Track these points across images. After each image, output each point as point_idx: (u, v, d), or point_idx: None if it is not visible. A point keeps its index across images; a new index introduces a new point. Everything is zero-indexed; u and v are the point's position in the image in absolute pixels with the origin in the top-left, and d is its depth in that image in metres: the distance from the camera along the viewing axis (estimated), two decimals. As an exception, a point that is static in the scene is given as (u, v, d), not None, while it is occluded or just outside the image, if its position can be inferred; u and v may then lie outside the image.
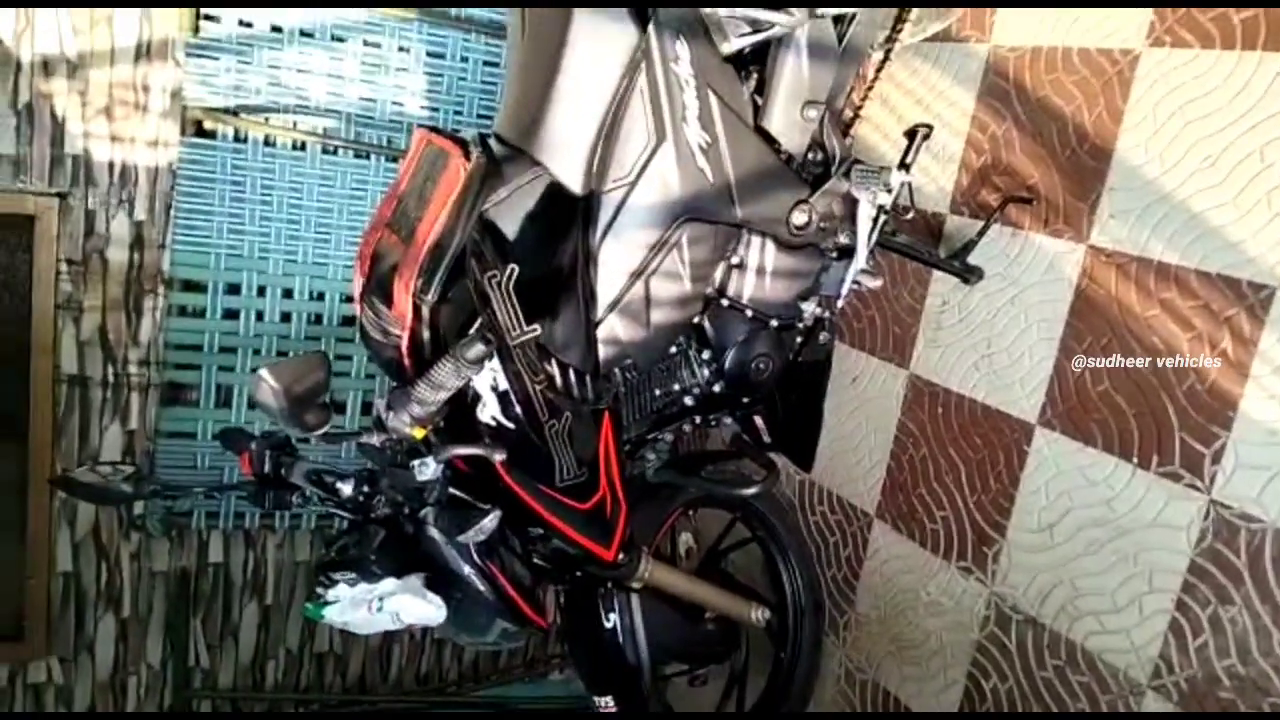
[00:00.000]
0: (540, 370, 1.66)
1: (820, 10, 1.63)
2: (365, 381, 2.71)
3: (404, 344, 1.62)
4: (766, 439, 2.04)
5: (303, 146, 2.47)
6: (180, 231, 2.43)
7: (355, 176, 2.53)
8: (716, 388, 1.93)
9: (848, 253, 1.92)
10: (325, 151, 2.49)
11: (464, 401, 1.64)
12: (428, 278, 1.57)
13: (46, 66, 2.24)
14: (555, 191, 1.67)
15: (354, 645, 2.99)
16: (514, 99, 1.73)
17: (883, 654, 2.32)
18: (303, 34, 2.40)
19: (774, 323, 1.92)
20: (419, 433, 1.57)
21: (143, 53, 2.32)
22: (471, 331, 1.60)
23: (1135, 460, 1.79)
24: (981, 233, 2.01)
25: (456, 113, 2.57)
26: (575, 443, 1.70)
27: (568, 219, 1.68)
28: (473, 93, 2.57)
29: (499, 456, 1.57)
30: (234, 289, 2.53)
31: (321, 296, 2.60)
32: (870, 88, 1.93)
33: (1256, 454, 1.61)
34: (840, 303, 1.97)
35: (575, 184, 1.66)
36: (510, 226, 1.65)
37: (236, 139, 2.44)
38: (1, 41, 2.18)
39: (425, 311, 1.60)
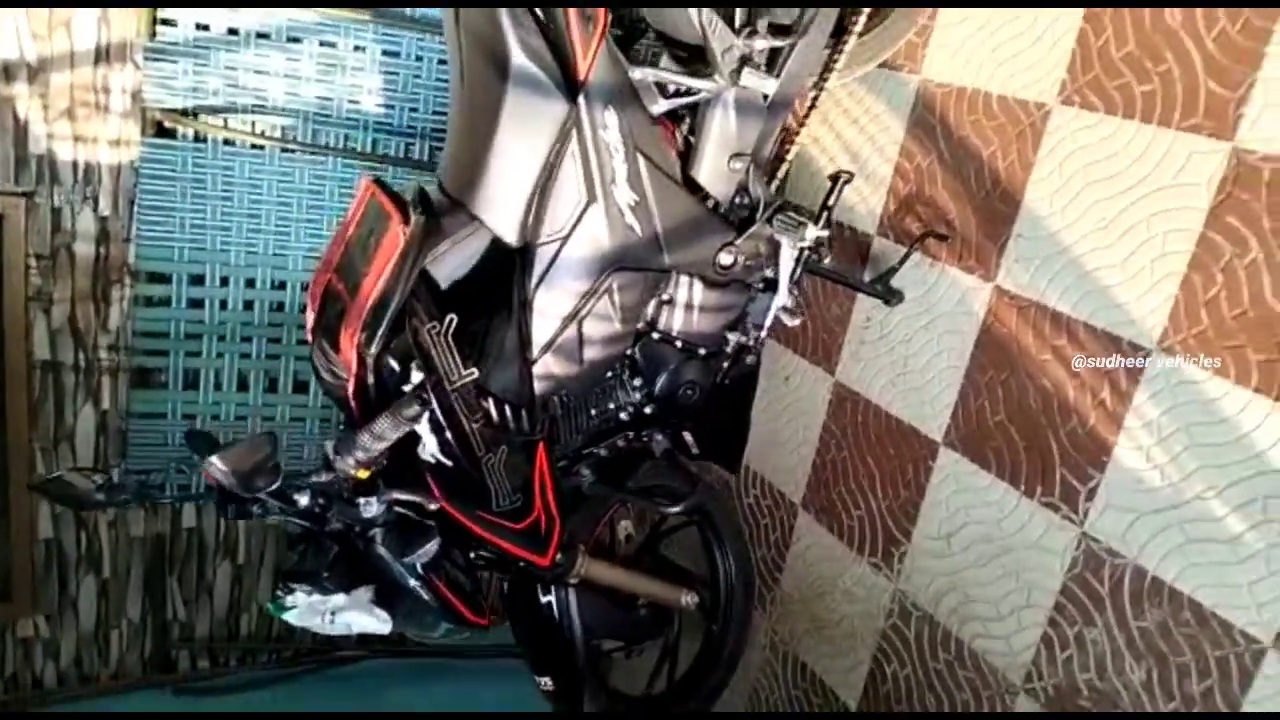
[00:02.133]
0: (477, 408, 1.81)
1: (742, 79, 1.72)
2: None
3: (350, 388, 1.76)
4: (695, 451, 2.21)
5: (262, 146, 2.54)
6: (144, 227, 2.53)
7: (313, 173, 2.60)
8: (648, 409, 2.09)
9: (773, 285, 2.05)
10: (284, 150, 2.56)
11: (407, 439, 1.79)
12: (370, 332, 1.70)
13: (7, 71, 2.29)
14: (492, 243, 1.79)
15: (323, 599, 3.19)
16: (454, 153, 1.83)
17: (803, 630, 2.55)
18: (259, 36, 2.44)
19: (701, 351, 2.06)
20: (363, 474, 1.73)
21: (102, 56, 2.37)
22: (408, 389, 1.74)
23: (1022, 488, 1.97)
24: (901, 262, 2.14)
25: (412, 109, 2.64)
26: (510, 473, 1.86)
27: (504, 269, 1.80)
28: (428, 90, 2.63)
29: (434, 506, 1.74)
30: (198, 279, 2.63)
31: (283, 285, 2.71)
32: (795, 135, 2.03)
33: (1124, 497, 1.79)
34: (763, 333, 2.11)
35: (511, 237, 1.78)
36: (449, 276, 1.78)
37: (196, 138, 2.51)
38: (-40, 51, 2.23)
39: (369, 361, 1.73)
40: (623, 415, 2.12)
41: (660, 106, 1.79)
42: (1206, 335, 1.67)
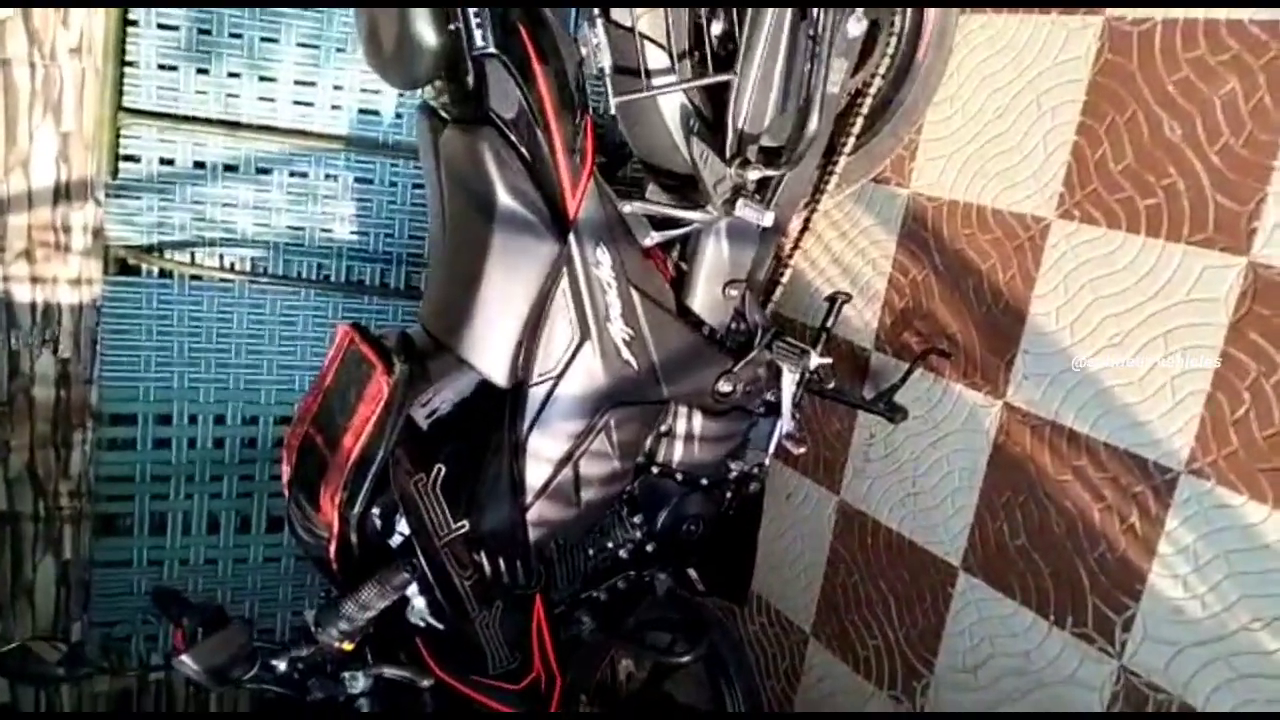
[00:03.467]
0: (469, 563, 1.68)
1: (736, 210, 1.65)
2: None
3: (332, 550, 1.63)
4: (700, 588, 2.09)
5: (231, 280, 2.44)
6: (107, 368, 2.40)
7: (285, 304, 2.50)
8: (649, 547, 1.97)
9: (774, 409, 1.96)
10: (253, 283, 2.47)
11: (395, 602, 1.66)
12: (353, 491, 1.59)
13: (-40, 215, 2.19)
14: (481, 387, 1.69)
15: None
16: (437, 295, 1.74)
17: (820, 768, 2.39)
18: (227, 168, 2.37)
19: (704, 482, 1.96)
20: (348, 646, 1.59)
21: (61, 194, 2.28)
22: (394, 541, 1.62)
23: (1051, 618, 1.86)
24: (903, 380, 2.05)
25: (387, 235, 2.56)
26: (506, 631, 1.73)
27: (494, 413, 1.69)
28: (403, 215, 2.55)
29: (426, 683, 1.60)
30: (164, 419, 2.50)
31: (255, 420, 2.58)
32: (790, 257, 1.96)
33: (1163, 629, 1.69)
34: (767, 459, 2.01)
35: (501, 379, 1.68)
36: (435, 425, 1.67)
37: (162, 274, 2.40)
38: (-89, 196, 2.13)
39: (353, 521, 1.61)
40: (622, 554, 2.00)
41: (652, 239, 1.72)
42: (1238, 457, 1.59)
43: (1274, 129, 1.55)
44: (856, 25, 1.69)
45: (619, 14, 1.58)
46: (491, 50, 1.49)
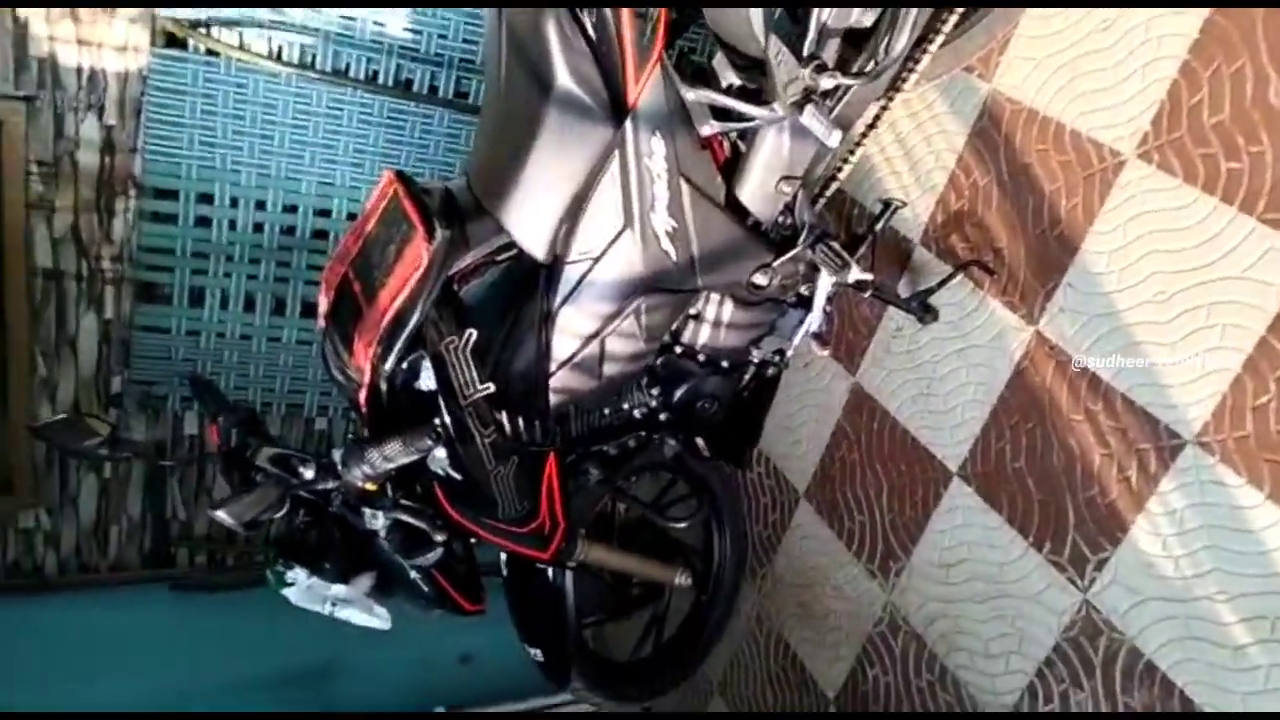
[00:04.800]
0: (490, 420, 1.76)
1: (803, 118, 1.58)
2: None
3: (363, 396, 1.70)
4: (706, 454, 2.17)
5: (278, 58, 2.37)
6: (151, 141, 2.39)
7: (331, 98, 2.45)
8: (662, 416, 2.03)
9: (805, 303, 1.96)
10: (300, 75, 2.40)
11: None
12: (386, 347, 1.63)
13: (5, -33, 2.11)
14: (518, 256, 1.69)
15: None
16: (485, 156, 1.70)
17: (789, 612, 2.59)
18: (281, -52, 2.24)
19: (724, 364, 2.00)
20: (370, 487, 1.69)
21: (109, -47, 2.18)
22: (422, 385, 1.69)
23: (1031, 540, 1.96)
24: (941, 284, 2.03)
25: (441, 36, 2.45)
26: (519, 483, 1.83)
27: (529, 283, 1.71)
28: (459, 18, 2.44)
29: (440, 537, 1.71)
30: (206, 198, 2.51)
31: (295, 209, 2.60)
32: (851, 156, 1.89)
33: (1133, 576, 1.78)
34: (790, 351, 2.04)
35: (539, 252, 1.68)
36: (472, 291, 1.69)
37: (209, 53, 2.34)
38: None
39: (384, 373, 1.67)
40: (636, 414, 2.07)
41: (711, 128, 1.65)
42: (1248, 443, 1.61)
43: (1386, 120, 1.45)
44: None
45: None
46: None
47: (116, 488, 2.92)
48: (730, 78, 1.72)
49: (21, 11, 2.17)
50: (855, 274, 1.78)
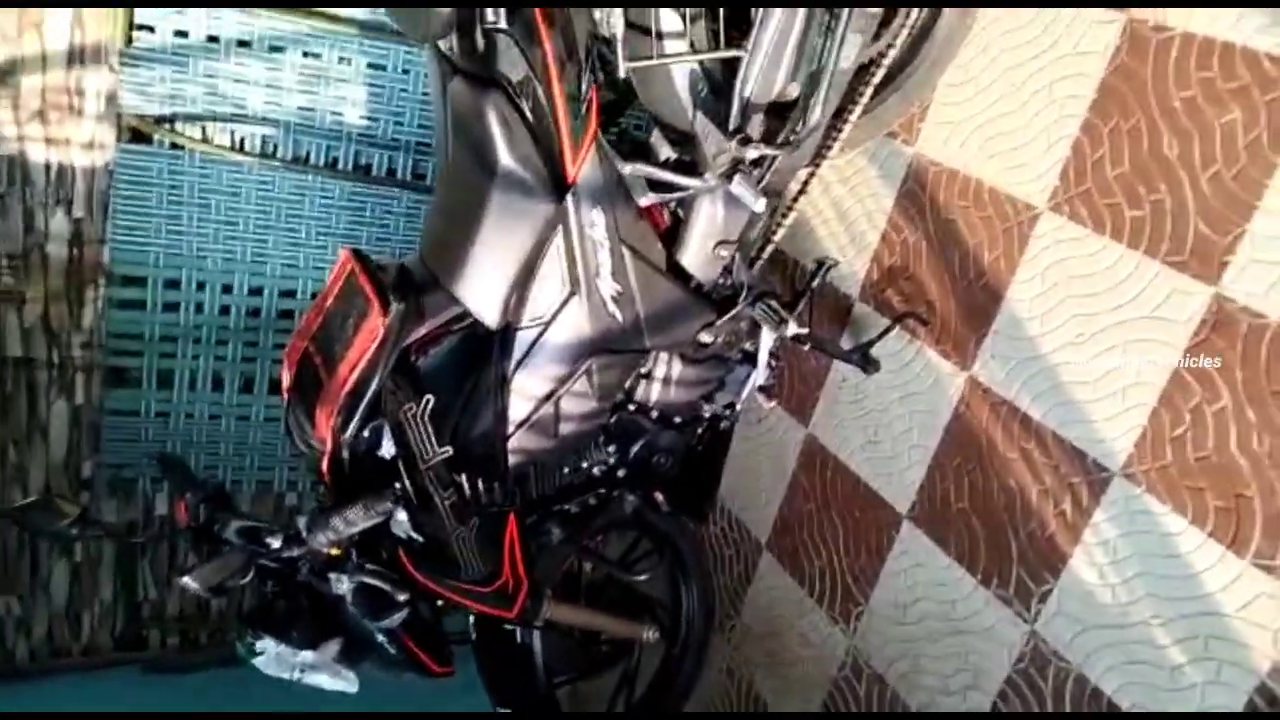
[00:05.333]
0: (450, 483, 1.82)
1: (732, 187, 1.69)
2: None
3: (325, 464, 1.77)
4: (665, 509, 2.24)
5: (241, 149, 2.48)
6: (119, 231, 2.48)
7: (293, 184, 2.55)
8: (620, 472, 2.11)
9: (751, 358, 2.06)
10: (262, 162, 2.50)
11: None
12: (346, 416, 1.71)
13: (-25, 74, 2.21)
14: (472, 325, 1.78)
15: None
16: (437, 231, 1.81)
17: (758, 662, 2.64)
18: (240, 44, 2.36)
19: (677, 420, 2.08)
20: (334, 552, 1.75)
21: (76, 58, 2.28)
22: (383, 452, 1.76)
23: (979, 576, 2.03)
24: (880, 336, 2.14)
25: (397, 122, 2.57)
26: (481, 546, 1.89)
27: (484, 350, 1.79)
28: (413, 104, 2.56)
29: (403, 597, 1.77)
30: (173, 284, 2.60)
31: (260, 291, 2.68)
32: (783, 219, 2.00)
33: (1075, 607, 1.85)
34: (739, 405, 2.13)
35: (492, 320, 1.77)
36: (429, 360, 1.77)
37: (173, 145, 2.44)
38: (-73, 56, 2.15)
39: (345, 442, 1.74)
40: (595, 471, 2.14)
41: (648, 199, 1.76)
42: (1169, 472, 1.70)
43: (1266, 168, 1.57)
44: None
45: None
46: (502, 26, 1.50)
47: (88, 572, 2.94)
48: (666, 151, 1.84)
49: (-9, 113, 2.26)
50: (793, 329, 1.88)
